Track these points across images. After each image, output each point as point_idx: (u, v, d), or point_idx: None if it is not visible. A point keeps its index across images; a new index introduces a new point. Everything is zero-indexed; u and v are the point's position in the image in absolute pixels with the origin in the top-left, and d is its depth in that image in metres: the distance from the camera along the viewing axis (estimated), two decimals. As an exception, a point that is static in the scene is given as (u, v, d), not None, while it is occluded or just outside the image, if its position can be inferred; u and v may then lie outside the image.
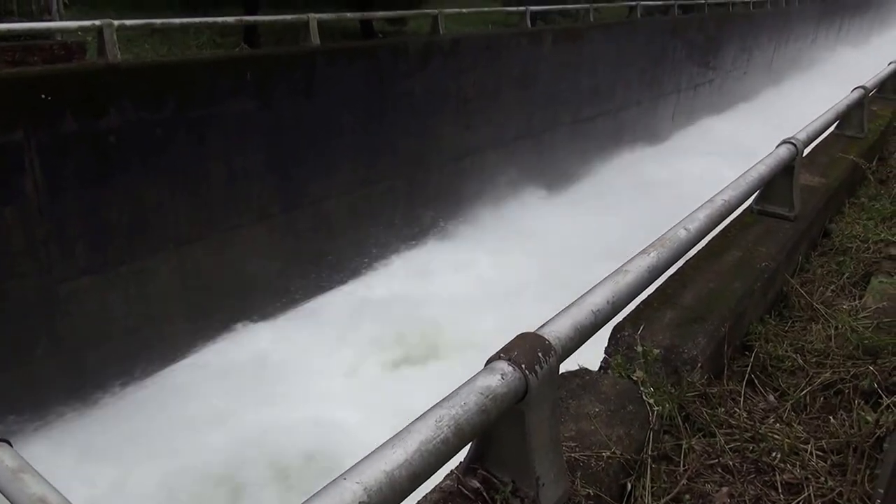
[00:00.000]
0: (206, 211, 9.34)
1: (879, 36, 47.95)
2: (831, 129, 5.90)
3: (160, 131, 8.53)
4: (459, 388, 1.63)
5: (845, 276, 3.87)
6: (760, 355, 2.99)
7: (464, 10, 15.50)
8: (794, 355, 3.00)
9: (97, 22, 8.25)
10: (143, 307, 8.83)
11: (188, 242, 9.18)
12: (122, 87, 8.14)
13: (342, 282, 11.51)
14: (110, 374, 8.65)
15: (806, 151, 4.57)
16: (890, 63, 8.57)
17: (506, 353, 1.73)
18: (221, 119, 9.20)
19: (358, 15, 13.05)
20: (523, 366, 1.69)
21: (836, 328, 3.20)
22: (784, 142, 3.90)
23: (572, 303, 2.08)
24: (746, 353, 3.04)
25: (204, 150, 9.12)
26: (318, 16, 11.05)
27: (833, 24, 40.72)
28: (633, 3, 21.13)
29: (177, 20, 9.88)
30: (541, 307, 2.40)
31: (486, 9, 17.31)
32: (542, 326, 1.92)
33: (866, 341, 3.06)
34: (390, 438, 1.45)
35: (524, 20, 15.91)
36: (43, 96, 7.46)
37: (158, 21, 9.60)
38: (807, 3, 35.33)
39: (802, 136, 4.14)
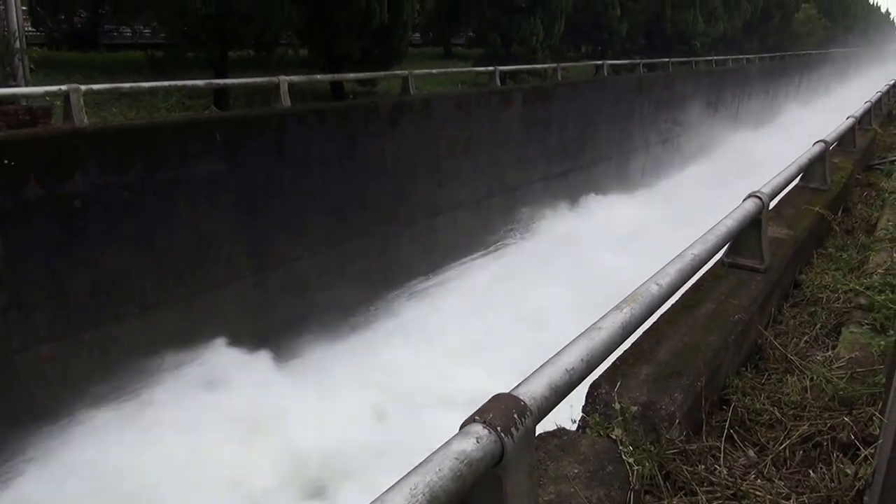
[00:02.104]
0: (174, 274, 9.20)
1: (837, 88, 49.60)
2: (796, 181, 6.02)
3: (127, 194, 8.48)
4: (433, 453, 1.57)
5: (818, 327, 3.89)
6: (738, 409, 2.96)
7: (434, 71, 15.79)
8: (771, 408, 2.98)
9: (63, 87, 8.27)
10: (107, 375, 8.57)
11: (154, 306, 9.02)
12: (88, 151, 8.10)
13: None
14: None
15: (772, 204, 4.63)
16: (848, 117, 8.82)
17: (480, 416, 1.68)
18: (190, 181, 9.17)
19: (328, 77, 13.21)
20: (499, 428, 1.65)
21: (812, 379, 3.19)
22: (750, 195, 3.95)
23: (546, 361, 2.04)
24: (724, 407, 3.01)
25: (172, 212, 9.05)
26: (288, 78, 11.17)
27: (793, 80, 42.15)
28: (599, 62, 21.71)
29: (145, 84, 9.94)
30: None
31: (455, 69, 17.64)
32: (516, 387, 1.88)
33: (841, 392, 3.05)
34: (363, 510, 1.39)
35: (493, 79, 16.23)
36: (5, 162, 7.38)
37: (126, 85, 9.64)
38: (766, 61, 36.61)
39: (767, 190, 4.20)
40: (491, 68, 16.51)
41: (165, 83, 10.24)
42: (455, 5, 21.67)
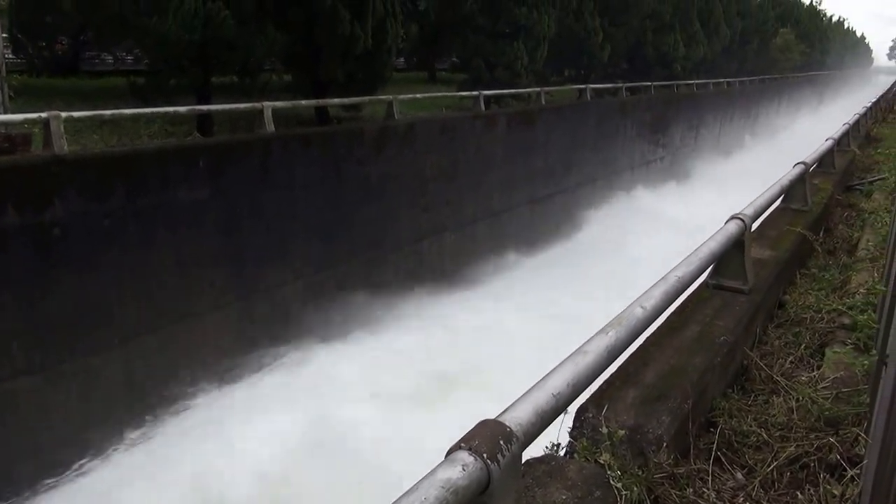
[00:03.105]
0: (156, 302, 9.09)
1: (818, 109, 50.30)
2: (777, 203, 6.06)
3: (108, 222, 8.39)
4: (419, 482, 1.55)
5: (802, 347, 3.90)
6: (725, 431, 2.96)
7: (418, 95, 15.87)
8: (758, 430, 2.97)
9: (43, 114, 8.18)
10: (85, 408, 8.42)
11: (136, 336, 8.89)
12: (68, 179, 8.02)
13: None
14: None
15: (754, 226, 4.66)
16: (827, 139, 8.94)
17: (466, 443, 1.67)
18: (173, 207, 9.10)
19: (312, 102, 13.22)
20: (485, 455, 1.63)
21: (798, 400, 3.20)
22: (732, 217, 3.97)
23: (532, 387, 2.03)
24: (711, 429, 3.00)
25: (154, 239, 8.97)
26: (272, 104, 11.16)
27: (772, 102, 42.77)
28: (582, 86, 21.91)
29: (127, 111, 9.87)
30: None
31: (440, 94, 17.75)
32: (502, 413, 1.86)
33: (827, 412, 3.07)
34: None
35: (478, 104, 16.32)
36: (-18, 190, 7.29)
37: (108, 112, 9.55)
38: (746, 84, 37.14)
39: (750, 212, 4.23)
40: (475, 93, 16.61)
41: (147, 110, 10.19)
42: (439, 31, 21.88)
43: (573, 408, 2.46)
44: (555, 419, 2.03)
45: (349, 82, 14.03)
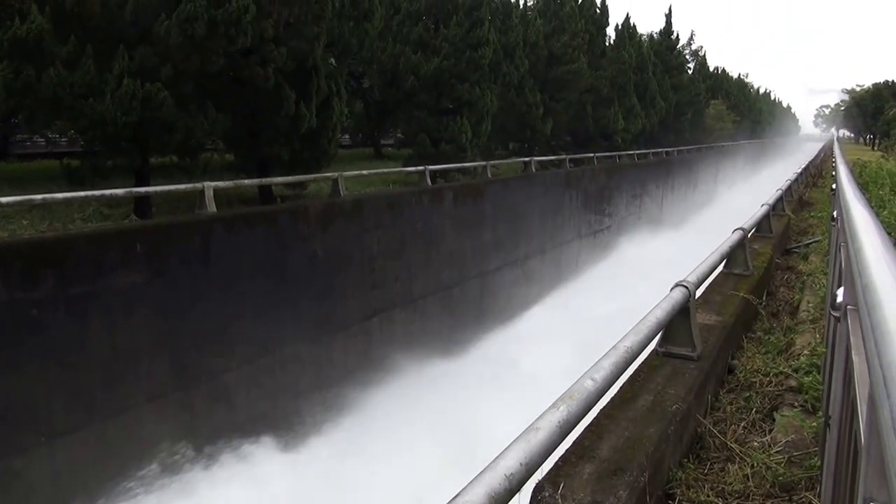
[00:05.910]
0: (87, 396, 8.61)
1: (752, 176, 52.30)
2: (720, 268, 6.16)
3: (35, 311, 7.97)
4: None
5: (753, 412, 3.92)
6: (683, 503, 2.89)
7: (364, 172, 15.97)
8: (715, 500, 2.94)
9: (-33, 203, 7.88)
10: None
11: (63, 434, 8.37)
12: (-9, 267, 7.64)
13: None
14: None
15: (699, 292, 4.70)
16: (762, 205, 9.22)
17: (415, 535, 1.56)
18: (106, 294, 8.73)
19: (255, 181, 13.13)
20: (435, 549, 1.52)
21: (752, 466, 3.20)
22: (677, 285, 3.99)
23: (484, 469, 1.93)
24: (669, 501, 2.94)
25: (86, 329, 8.54)
26: (213, 184, 10.97)
27: (709, 169, 44.48)
28: (527, 158, 22.40)
29: (59, 194, 9.53)
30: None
31: (386, 169, 17.89)
32: (454, 498, 1.75)
33: (781, 478, 3.08)
34: None
35: (424, 178, 16.48)
36: None
37: (39, 196, 9.22)
38: (685, 153, 38.62)
39: (693, 279, 4.26)
40: (421, 168, 16.80)
41: (81, 193, 9.83)
42: (383, 107, 22.25)
43: (529, 486, 2.36)
44: (510, 500, 1.93)
45: (294, 160, 14.03)
